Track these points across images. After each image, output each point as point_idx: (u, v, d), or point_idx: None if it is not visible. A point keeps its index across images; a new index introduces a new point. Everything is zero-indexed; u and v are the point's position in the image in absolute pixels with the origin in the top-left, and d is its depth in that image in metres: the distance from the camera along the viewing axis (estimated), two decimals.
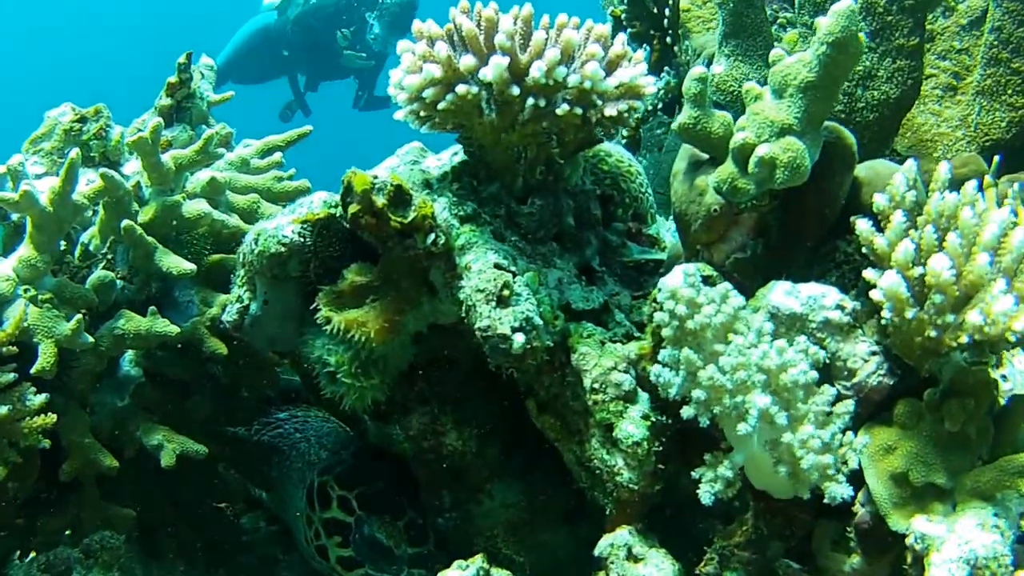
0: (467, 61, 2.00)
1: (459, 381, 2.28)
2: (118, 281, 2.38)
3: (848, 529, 1.94)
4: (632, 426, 2.02)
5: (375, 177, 2.07)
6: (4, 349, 2.12)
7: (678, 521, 2.17)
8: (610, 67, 2.07)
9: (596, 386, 2.05)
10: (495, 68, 1.97)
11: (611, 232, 2.32)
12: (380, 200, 2.04)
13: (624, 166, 2.38)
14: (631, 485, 2.04)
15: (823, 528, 2.00)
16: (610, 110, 2.06)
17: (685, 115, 2.05)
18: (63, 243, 2.39)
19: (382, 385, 2.18)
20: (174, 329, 2.30)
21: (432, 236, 2.06)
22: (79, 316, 2.18)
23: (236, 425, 2.70)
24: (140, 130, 2.66)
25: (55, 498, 2.38)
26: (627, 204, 2.36)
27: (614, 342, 2.11)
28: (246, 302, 2.26)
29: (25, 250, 2.24)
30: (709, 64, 2.89)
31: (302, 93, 9.77)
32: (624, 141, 2.85)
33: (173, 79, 2.70)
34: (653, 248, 2.37)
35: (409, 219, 2.05)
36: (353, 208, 2.06)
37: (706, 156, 2.10)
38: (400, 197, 2.06)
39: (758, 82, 2.11)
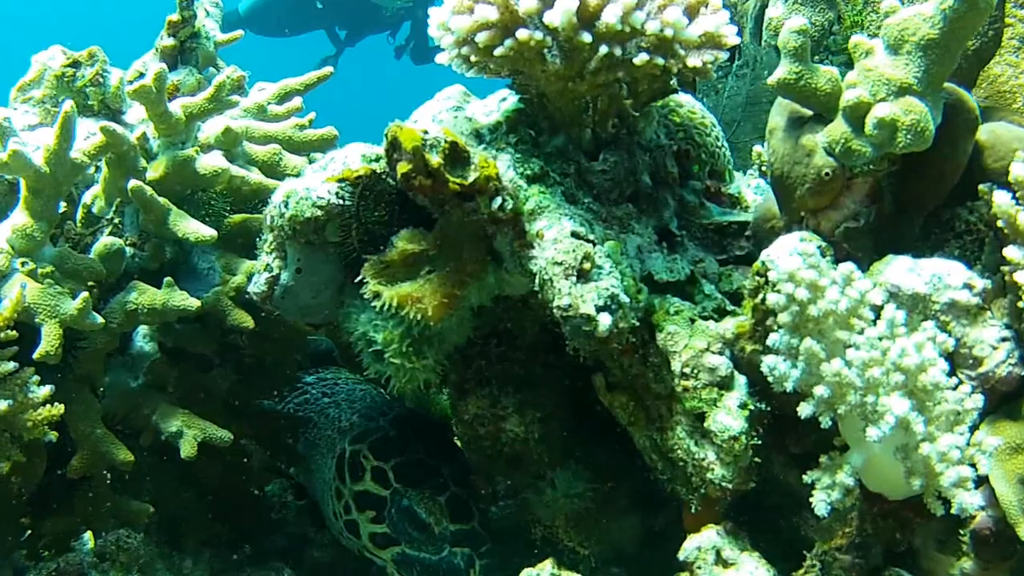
0: (528, 2, 1.71)
1: (522, 357, 2.03)
2: (127, 248, 2.10)
3: (961, 532, 1.75)
4: (729, 417, 1.78)
5: (425, 132, 1.79)
6: (3, 334, 1.84)
7: (765, 513, 1.96)
8: (691, 13, 1.80)
9: (687, 371, 1.80)
10: (563, 12, 1.68)
11: (687, 191, 2.05)
12: (435, 159, 1.76)
13: (697, 118, 2.11)
14: (724, 483, 1.80)
15: (928, 527, 1.79)
16: (694, 60, 1.79)
17: (785, 70, 1.78)
18: (62, 205, 2.10)
19: (436, 365, 1.92)
20: (194, 303, 2.02)
21: (499, 200, 1.79)
22: (86, 293, 1.89)
23: (261, 397, 2.44)
24: (141, 73, 2.37)
25: (64, 493, 2.12)
26: (703, 160, 2.09)
27: (704, 318, 1.86)
28: (275, 271, 1.98)
29: (20, 217, 1.94)
30: (764, 7, 2.65)
31: (342, 48, 9.20)
32: None
33: (174, 16, 2.38)
34: (735, 208, 2.12)
35: (470, 180, 1.78)
36: (404, 167, 1.78)
37: (808, 112, 1.85)
38: (457, 154, 1.78)
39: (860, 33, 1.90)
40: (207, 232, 2.03)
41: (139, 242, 2.13)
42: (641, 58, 1.74)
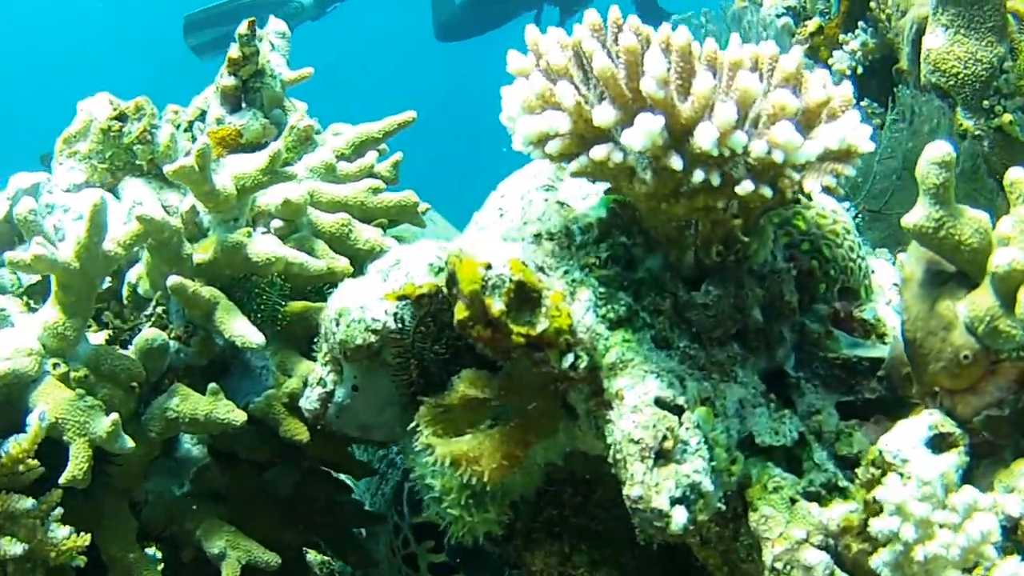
0: (604, 115, 1.51)
1: (598, 511, 1.89)
2: (172, 343, 2.02)
3: None
4: None
5: (488, 267, 1.63)
6: (21, 467, 1.78)
7: None
8: (808, 121, 1.57)
9: (779, 565, 1.62)
10: (645, 134, 1.48)
11: (810, 318, 1.84)
12: (497, 305, 1.60)
13: (827, 223, 1.88)
14: None
15: None
16: (811, 184, 1.57)
17: (923, 214, 1.54)
18: (107, 281, 2.02)
19: (499, 518, 1.80)
20: (240, 417, 1.94)
21: (570, 358, 1.63)
22: (115, 416, 1.82)
23: (326, 495, 2.34)
24: (203, 112, 2.27)
25: None
26: (832, 277, 1.86)
27: (809, 495, 1.68)
28: (330, 386, 1.88)
29: (51, 313, 1.87)
30: (922, 34, 2.33)
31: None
32: None
33: (235, 53, 2.25)
34: (869, 337, 1.89)
35: (538, 331, 1.62)
36: (460, 313, 1.63)
37: (950, 266, 1.61)
38: (525, 295, 1.63)
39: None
40: (255, 339, 1.93)
41: (185, 335, 2.04)
42: (744, 188, 1.54)
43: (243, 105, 2.32)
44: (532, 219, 1.87)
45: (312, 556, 2.66)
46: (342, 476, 2.41)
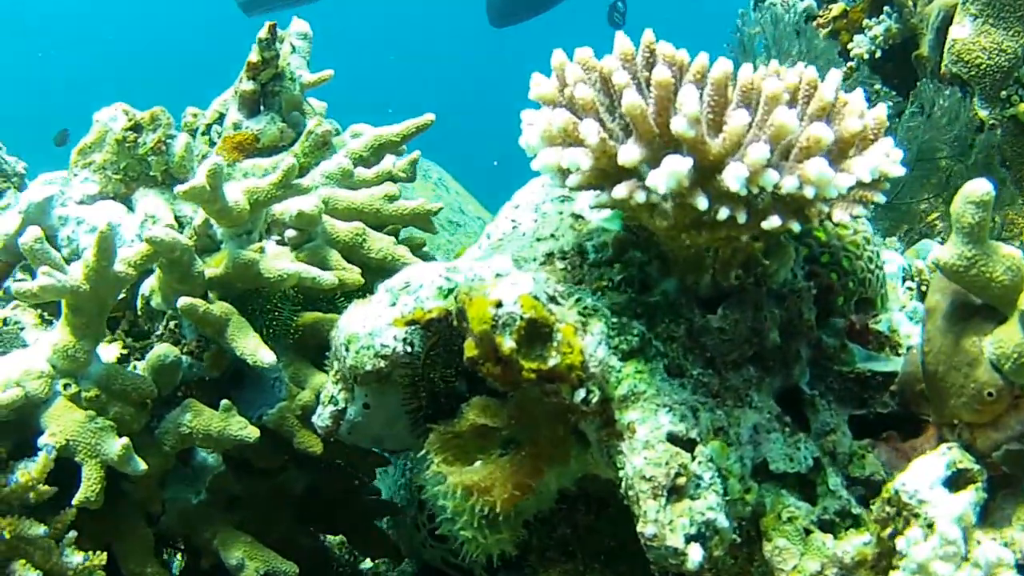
0: (630, 154, 1.46)
1: (612, 528, 1.86)
2: (184, 358, 1.99)
3: None
4: None
5: (499, 305, 1.58)
6: (32, 495, 1.77)
7: None
8: (841, 150, 1.50)
9: None
10: (671, 176, 1.42)
11: (827, 331, 1.80)
12: (508, 344, 1.56)
13: (848, 234, 1.82)
14: None
15: None
16: (840, 215, 1.52)
17: (954, 252, 1.49)
18: (122, 292, 1.99)
19: (512, 538, 1.77)
20: (253, 433, 1.92)
21: (582, 392, 1.59)
22: (126, 440, 1.81)
23: (339, 493, 2.32)
24: (221, 115, 2.22)
25: None
26: (850, 290, 1.81)
27: (823, 524, 1.65)
28: (342, 404, 1.86)
29: (61, 336, 1.85)
30: (948, 23, 2.24)
31: None
32: None
33: (254, 57, 2.19)
34: (883, 349, 1.84)
35: (550, 366, 1.58)
36: (470, 350, 1.60)
37: (976, 299, 1.55)
38: (536, 331, 1.58)
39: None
40: (266, 358, 1.91)
41: (197, 349, 2.01)
42: (771, 223, 1.48)
43: (261, 109, 2.28)
44: (545, 235, 1.83)
45: (331, 537, 2.66)
46: None
